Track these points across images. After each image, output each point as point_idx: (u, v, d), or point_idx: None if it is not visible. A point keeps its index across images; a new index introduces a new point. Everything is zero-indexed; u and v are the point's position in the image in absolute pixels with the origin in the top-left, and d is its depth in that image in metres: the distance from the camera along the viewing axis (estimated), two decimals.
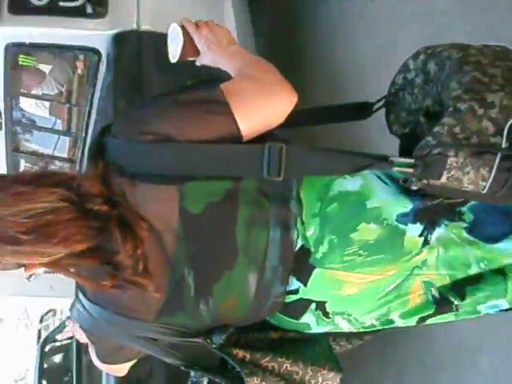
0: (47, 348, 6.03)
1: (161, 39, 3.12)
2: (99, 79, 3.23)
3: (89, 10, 3.24)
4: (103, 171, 1.16)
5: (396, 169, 1.19)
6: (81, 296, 1.28)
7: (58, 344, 6.14)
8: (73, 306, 1.32)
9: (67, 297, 4.29)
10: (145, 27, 3.20)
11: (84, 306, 1.27)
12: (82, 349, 4.03)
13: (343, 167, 1.19)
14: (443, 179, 1.16)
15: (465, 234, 1.27)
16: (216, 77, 1.26)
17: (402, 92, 1.35)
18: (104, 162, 1.18)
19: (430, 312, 1.32)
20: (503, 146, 1.14)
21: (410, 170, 1.17)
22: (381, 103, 1.43)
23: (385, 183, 1.27)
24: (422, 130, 1.31)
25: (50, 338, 6.17)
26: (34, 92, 3.79)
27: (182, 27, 1.41)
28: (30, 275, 1.15)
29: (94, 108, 3.31)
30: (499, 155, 1.14)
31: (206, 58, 1.36)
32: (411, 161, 1.17)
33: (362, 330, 1.36)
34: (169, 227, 1.15)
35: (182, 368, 1.37)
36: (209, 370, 1.36)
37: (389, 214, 1.24)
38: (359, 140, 2.98)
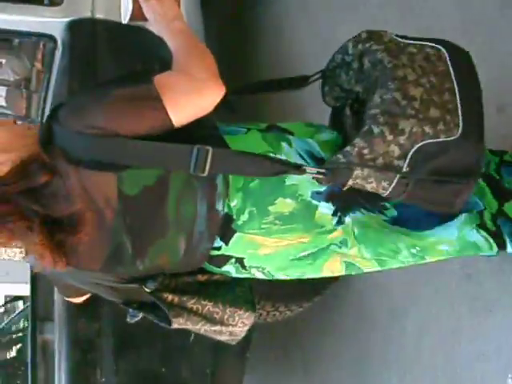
0: (4, 340, 6.07)
1: (114, 27, 3.28)
2: (55, 65, 3.35)
3: None
4: (51, 157, 1.29)
5: (308, 175, 1.35)
6: None
7: (14, 336, 6.18)
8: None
9: (24, 282, 4.35)
10: (99, 15, 3.32)
11: None
12: (36, 336, 4.11)
13: (262, 171, 1.35)
14: (348, 184, 1.36)
15: (385, 223, 1.44)
16: (151, 68, 1.37)
17: (339, 70, 1.51)
18: (53, 147, 1.30)
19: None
20: (404, 169, 1.33)
21: (320, 177, 1.36)
22: (317, 76, 1.58)
23: (305, 161, 1.42)
24: (347, 115, 1.49)
25: (6, 330, 6.20)
26: None
27: None
28: None
29: (50, 93, 3.42)
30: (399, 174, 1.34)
31: (152, 26, 1.48)
32: (322, 170, 1.36)
33: (274, 279, 1.53)
34: (109, 205, 1.30)
35: (121, 305, 1.55)
36: (143, 308, 1.52)
37: (304, 190, 1.40)
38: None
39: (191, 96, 1.29)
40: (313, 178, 1.37)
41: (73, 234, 1.29)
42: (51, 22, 3.30)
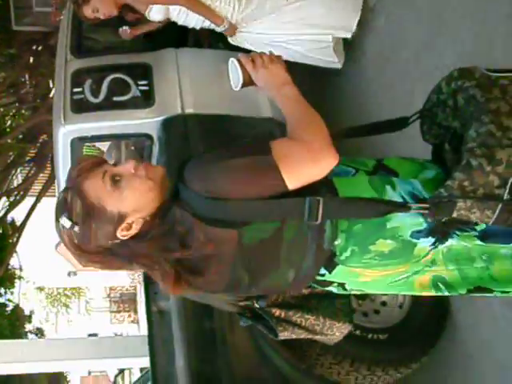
0: None
1: (204, 119, 3.53)
2: (153, 160, 3.64)
3: (138, 101, 3.68)
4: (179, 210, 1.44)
5: (413, 211, 1.45)
6: None
7: None
8: None
9: (141, 356, 4.61)
10: (188, 110, 3.60)
11: None
12: None
13: (369, 213, 1.46)
14: (453, 215, 1.44)
15: (477, 242, 1.52)
16: (266, 135, 1.51)
17: (436, 108, 1.60)
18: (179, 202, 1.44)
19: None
20: (505, 197, 1.38)
21: (426, 212, 1.45)
22: (415, 117, 1.66)
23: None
24: (446, 150, 1.56)
25: None
26: None
27: (240, 61, 1.58)
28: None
29: None
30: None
31: (263, 91, 1.60)
32: (426, 206, 1.44)
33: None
34: (228, 252, 1.46)
35: (237, 314, 1.72)
36: (254, 319, 1.69)
37: (405, 231, 1.50)
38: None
39: (307, 165, 1.39)
40: (418, 213, 1.46)
41: (201, 276, 1.47)
42: (146, 123, 3.60)
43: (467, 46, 3.13)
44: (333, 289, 1.61)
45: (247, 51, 3.69)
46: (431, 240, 1.51)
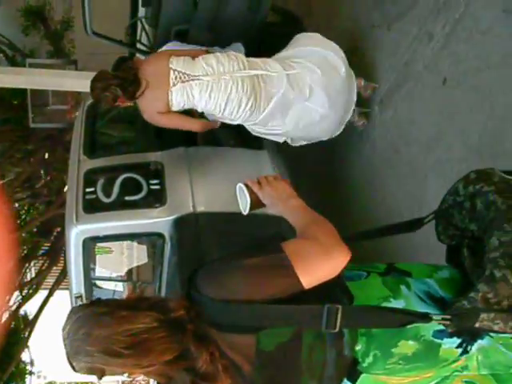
0: None
1: (215, 218, 3.51)
2: (166, 258, 3.61)
3: (150, 200, 3.70)
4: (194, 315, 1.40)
5: (435, 322, 1.40)
6: None
7: None
8: None
9: None
10: (200, 209, 3.60)
11: None
12: None
13: (389, 323, 1.42)
14: (476, 326, 1.39)
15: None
16: (276, 235, 1.46)
17: (452, 210, 1.59)
18: (195, 310, 1.40)
19: None
20: None
21: (447, 323, 1.41)
22: (430, 217, 1.65)
23: (425, 303, 1.48)
24: (465, 256, 1.52)
25: None
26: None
27: (247, 185, 1.67)
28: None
29: (164, 284, 3.66)
30: None
31: (272, 210, 1.64)
32: (447, 317, 1.40)
33: None
34: (246, 361, 1.40)
35: None
36: None
37: (426, 331, 1.45)
38: None
39: (321, 261, 1.36)
40: (438, 323, 1.41)
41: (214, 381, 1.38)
42: (158, 222, 3.60)
43: (476, 138, 3.14)
44: None
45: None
46: (457, 341, 1.46)
